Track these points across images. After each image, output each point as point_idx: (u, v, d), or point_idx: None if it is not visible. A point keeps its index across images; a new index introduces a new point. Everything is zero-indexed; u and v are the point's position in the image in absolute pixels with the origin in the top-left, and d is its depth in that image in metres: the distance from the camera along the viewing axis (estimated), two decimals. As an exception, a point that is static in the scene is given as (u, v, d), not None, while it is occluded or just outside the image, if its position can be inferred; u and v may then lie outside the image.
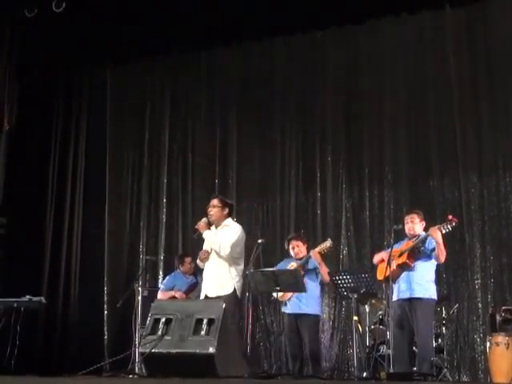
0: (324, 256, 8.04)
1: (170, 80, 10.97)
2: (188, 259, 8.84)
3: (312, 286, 7.71)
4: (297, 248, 8.08)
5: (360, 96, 9.95)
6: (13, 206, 10.48)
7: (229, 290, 7.22)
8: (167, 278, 9.11)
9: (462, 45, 9.47)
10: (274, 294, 7.93)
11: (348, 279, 7.84)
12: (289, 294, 7.79)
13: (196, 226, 7.57)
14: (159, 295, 8.74)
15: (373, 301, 8.46)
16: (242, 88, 10.53)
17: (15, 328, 8.48)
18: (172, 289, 8.72)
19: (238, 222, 9.98)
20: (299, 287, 7.45)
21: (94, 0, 9.93)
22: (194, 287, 8.50)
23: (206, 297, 7.37)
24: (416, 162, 9.49)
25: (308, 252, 7.94)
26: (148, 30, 10.11)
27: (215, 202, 7.51)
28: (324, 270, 7.84)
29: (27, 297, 8.47)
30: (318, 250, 7.91)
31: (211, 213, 7.46)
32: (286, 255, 8.28)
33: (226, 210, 7.50)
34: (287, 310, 7.93)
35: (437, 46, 9.59)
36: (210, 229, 7.48)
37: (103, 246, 10.65)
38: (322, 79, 10.17)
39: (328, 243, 7.93)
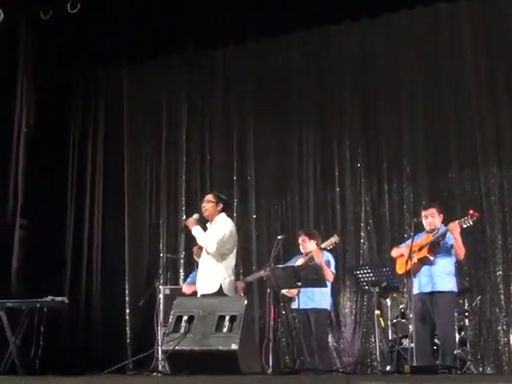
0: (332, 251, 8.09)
1: (186, 78, 10.97)
2: None
3: None
4: (303, 243, 8.11)
5: (376, 90, 9.91)
6: (33, 207, 10.54)
7: (213, 289, 7.13)
8: (194, 272, 9.12)
9: (478, 36, 9.40)
10: (283, 291, 7.96)
11: (369, 273, 7.83)
12: (296, 290, 7.78)
13: (185, 222, 7.55)
14: (184, 287, 8.74)
15: (394, 294, 8.45)
16: (258, 85, 10.50)
17: (38, 328, 8.52)
18: None
19: (257, 218, 10.08)
20: (321, 283, 7.44)
21: (108, 0, 9.98)
22: None
23: (201, 295, 7.29)
24: (434, 155, 9.44)
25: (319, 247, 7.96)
26: (163, 28, 10.13)
27: (209, 197, 7.47)
28: (326, 271, 7.77)
29: (49, 297, 8.50)
30: (323, 245, 7.92)
31: (204, 208, 7.41)
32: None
33: (220, 206, 7.41)
34: (296, 306, 7.91)
35: (453, 37, 9.53)
36: (205, 225, 7.41)
37: (123, 246, 10.69)
38: (337, 74, 10.14)
39: (334, 239, 7.93)
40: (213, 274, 7.18)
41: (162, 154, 10.96)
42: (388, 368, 7.84)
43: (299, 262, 8.01)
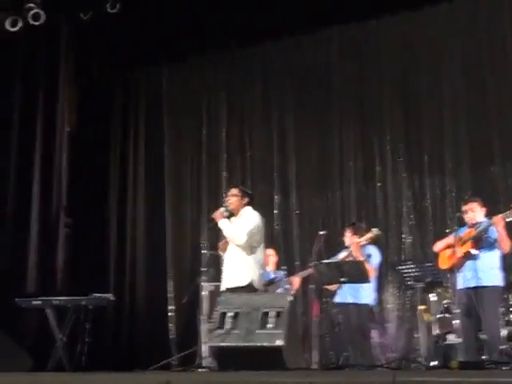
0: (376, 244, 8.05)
1: (226, 76, 11.00)
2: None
3: None
4: (347, 238, 8.09)
5: (417, 84, 9.85)
6: (77, 205, 10.69)
7: (244, 282, 7.05)
8: None
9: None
10: None
11: (413, 268, 7.79)
12: (337, 284, 7.75)
13: (212, 216, 7.49)
14: None
15: (438, 290, 8.38)
16: (298, 82, 10.47)
17: (84, 325, 8.63)
18: None
19: (298, 214, 10.07)
20: (364, 278, 7.41)
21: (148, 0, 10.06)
22: (269, 283, 8.37)
23: (227, 289, 7.20)
24: (477, 148, 9.34)
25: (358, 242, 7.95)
26: (202, 27, 10.17)
27: (234, 191, 7.43)
28: (366, 266, 7.68)
29: (95, 294, 8.60)
30: (360, 240, 7.86)
31: (229, 202, 7.37)
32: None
33: (246, 200, 7.35)
34: (338, 300, 7.90)
35: (494, 30, 9.43)
36: (229, 219, 7.36)
37: (166, 243, 10.77)
38: (377, 68, 10.09)
39: (370, 234, 7.89)
40: (242, 268, 7.10)
41: (203, 152, 11.00)
42: (432, 364, 7.79)
43: (341, 256, 8.02)
